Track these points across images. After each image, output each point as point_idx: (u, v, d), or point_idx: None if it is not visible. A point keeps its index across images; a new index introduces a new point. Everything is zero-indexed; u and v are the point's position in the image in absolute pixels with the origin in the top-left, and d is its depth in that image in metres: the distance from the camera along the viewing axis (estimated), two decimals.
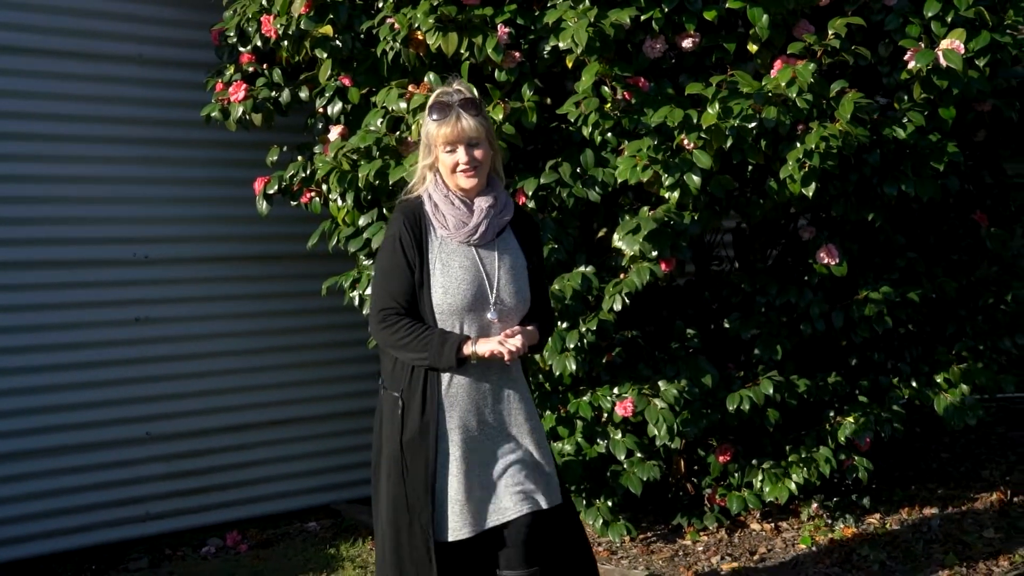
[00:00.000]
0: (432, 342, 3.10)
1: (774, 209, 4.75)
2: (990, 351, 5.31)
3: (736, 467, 5.08)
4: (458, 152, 3.14)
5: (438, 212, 3.19)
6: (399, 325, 3.13)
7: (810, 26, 4.46)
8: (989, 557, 4.75)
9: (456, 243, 3.19)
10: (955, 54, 4.23)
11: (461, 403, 3.18)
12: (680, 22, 4.35)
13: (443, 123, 3.13)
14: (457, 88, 3.22)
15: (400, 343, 3.14)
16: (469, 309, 3.16)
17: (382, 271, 3.21)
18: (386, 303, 3.17)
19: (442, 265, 3.16)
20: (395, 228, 3.20)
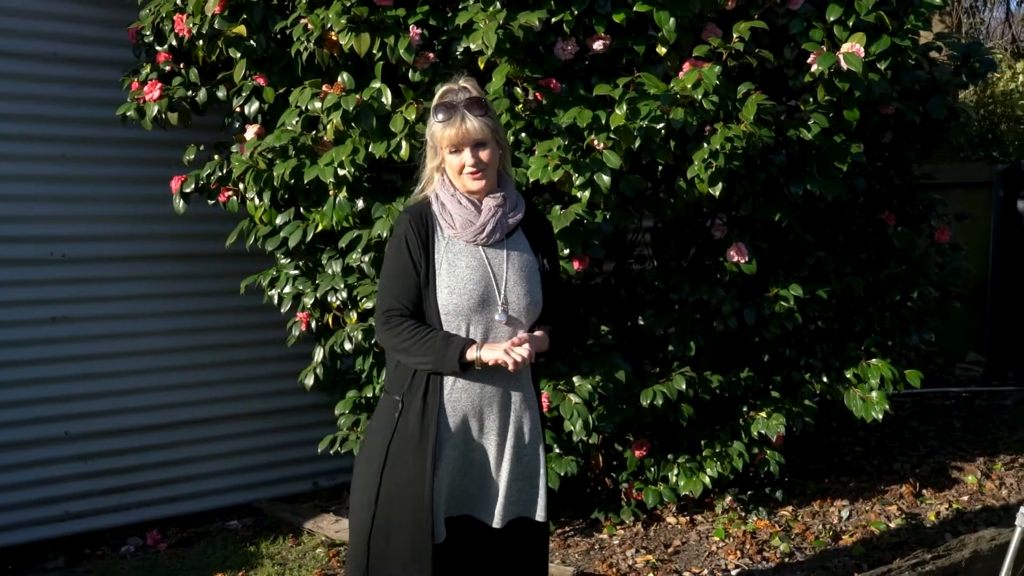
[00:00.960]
0: (435, 345, 3.02)
1: (686, 208, 4.84)
2: (898, 347, 5.45)
3: (652, 462, 5.17)
4: (464, 154, 3.07)
5: (445, 212, 3.11)
6: (403, 327, 3.06)
7: (717, 29, 4.56)
8: (894, 547, 4.89)
9: (463, 243, 3.11)
10: (855, 57, 4.34)
11: (463, 408, 3.10)
12: (590, 24, 4.43)
13: (448, 124, 3.04)
14: (463, 86, 3.12)
15: (403, 346, 3.06)
16: (476, 310, 3.07)
17: (387, 272, 3.15)
18: (390, 304, 3.10)
19: (448, 265, 3.08)
20: (401, 229, 3.12)
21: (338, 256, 4.85)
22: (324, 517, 5.46)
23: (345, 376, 5.26)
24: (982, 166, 9.94)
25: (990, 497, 5.60)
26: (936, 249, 5.69)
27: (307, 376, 5.07)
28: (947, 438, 6.70)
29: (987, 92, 11.71)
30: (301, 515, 5.52)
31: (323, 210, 4.65)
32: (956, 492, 5.69)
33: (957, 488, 5.76)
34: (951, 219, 5.71)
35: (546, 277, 3.22)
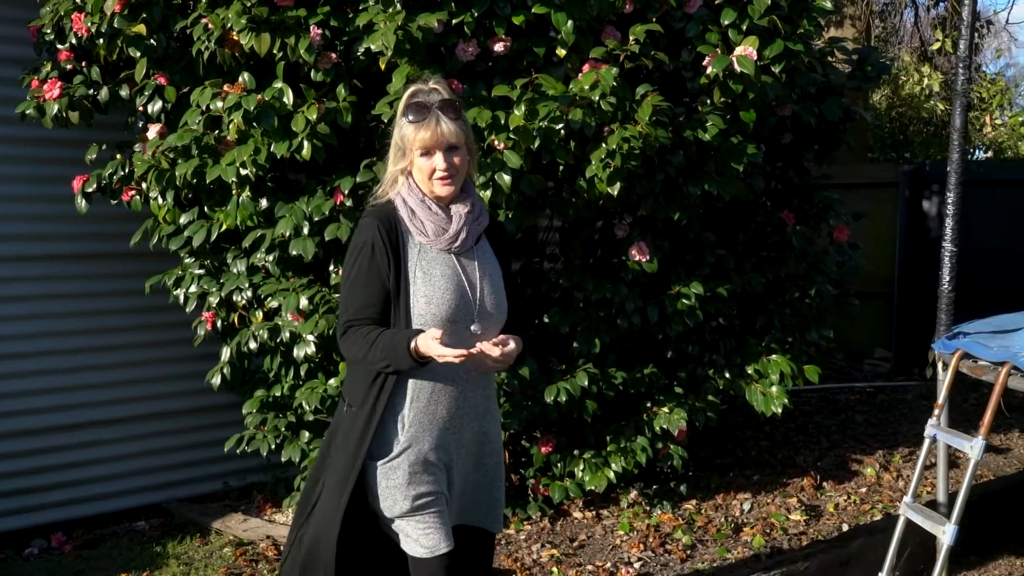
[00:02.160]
0: (387, 343, 2.90)
1: (588, 207, 4.92)
2: (798, 343, 5.59)
3: (559, 457, 5.24)
4: (435, 157, 2.96)
5: (415, 218, 3.00)
6: (356, 336, 2.95)
7: (616, 32, 4.64)
8: (793, 538, 5.01)
9: (436, 251, 3.00)
10: (748, 60, 4.45)
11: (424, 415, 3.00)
12: (491, 26, 4.49)
13: (420, 126, 2.93)
14: (434, 87, 3.02)
15: (360, 354, 2.95)
16: (452, 320, 2.96)
17: (351, 281, 3.00)
18: (351, 316, 2.99)
19: (423, 274, 2.97)
20: (368, 235, 2.97)
21: (243, 255, 4.85)
22: (232, 516, 5.45)
23: (254, 376, 5.26)
24: (890, 166, 10.21)
25: (887, 489, 5.75)
26: (835, 248, 5.83)
27: (214, 376, 5.07)
28: (849, 432, 6.86)
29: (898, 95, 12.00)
30: (209, 515, 5.50)
31: (227, 209, 4.66)
32: (855, 484, 5.85)
33: (856, 480, 5.91)
34: (849, 219, 5.86)
35: (509, 284, 3.17)
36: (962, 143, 4.57)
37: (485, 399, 3.13)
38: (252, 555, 4.94)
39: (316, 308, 4.63)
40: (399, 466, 3.00)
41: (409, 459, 3.00)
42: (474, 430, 3.11)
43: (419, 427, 3.01)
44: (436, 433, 3.03)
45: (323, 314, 4.60)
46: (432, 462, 3.03)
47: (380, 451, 3.02)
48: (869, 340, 9.60)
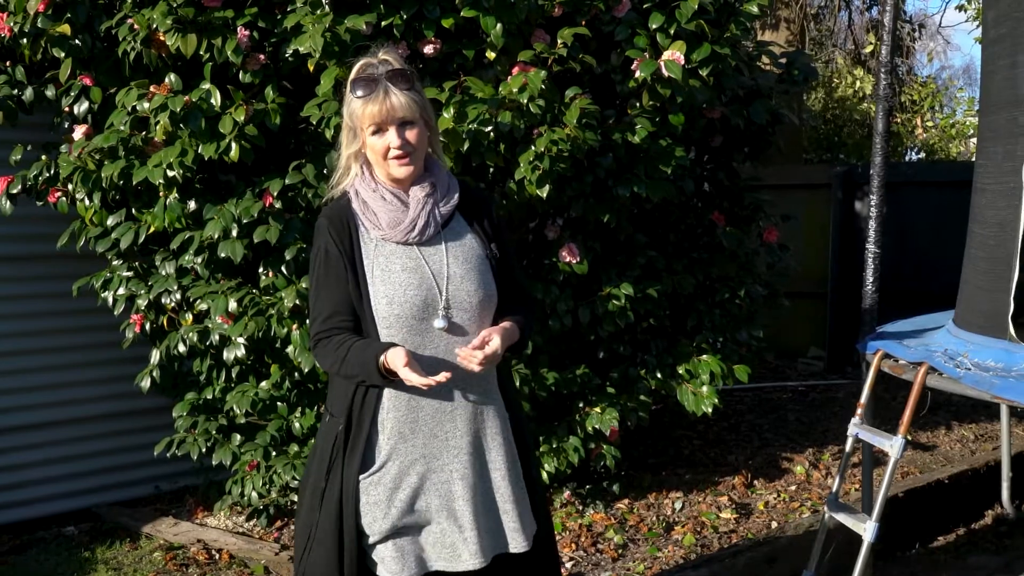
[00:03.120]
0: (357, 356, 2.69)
1: (519, 209, 4.94)
2: (729, 343, 5.64)
3: None
4: (388, 134, 2.71)
5: (368, 210, 2.77)
6: (329, 347, 2.73)
7: (545, 35, 4.66)
8: (723, 536, 5.07)
9: (394, 244, 2.76)
10: (675, 64, 4.50)
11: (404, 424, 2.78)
12: (420, 29, 4.49)
13: (369, 100, 2.68)
14: (383, 58, 2.76)
15: (334, 366, 2.75)
16: (418, 318, 2.73)
17: (314, 291, 2.81)
18: (319, 327, 2.77)
19: (382, 271, 2.73)
20: (321, 240, 2.78)
21: (171, 257, 4.82)
22: (163, 520, 5.41)
23: (185, 378, 5.23)
24: (824, 168, 10.34)
25: (816, 486, 5.84)
26: (766, 249, 5.90)
27: (143, 379, 5.03)
28: (781, 430, 6.96)
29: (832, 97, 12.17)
30: (140, 519, 5.46)
31: (154, 211, 4.62)
32: (785, 482, 5.93)
33: (786, 478, 5.99)
34: (779, 220, 5.93)
35: (499, 264, 2.90)
36: (885, 147, 4.65)
37: (481, 400, 2.86)
38: (183, 559, 4.91)
39: (246, 311, 4.61)
40: (380, 480, 2.80)
41: (391, 472, 2.79)
42: (468, 436, 2.84)
43: (399, 437, 2.78)
44: (421, 442, 2.80)
45: (253, 316, 4.58)
46: (416, 475, 2.81)
47: (363, 464, 2.79)
48: (804, 339, 9.73)
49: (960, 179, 5.26)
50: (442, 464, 2.82)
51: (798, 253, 8.23)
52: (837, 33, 13.00)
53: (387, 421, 2.78)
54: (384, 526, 2.80)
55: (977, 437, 6.83)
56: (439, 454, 2.81)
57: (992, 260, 4.29)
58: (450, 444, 2.83)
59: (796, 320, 8.57)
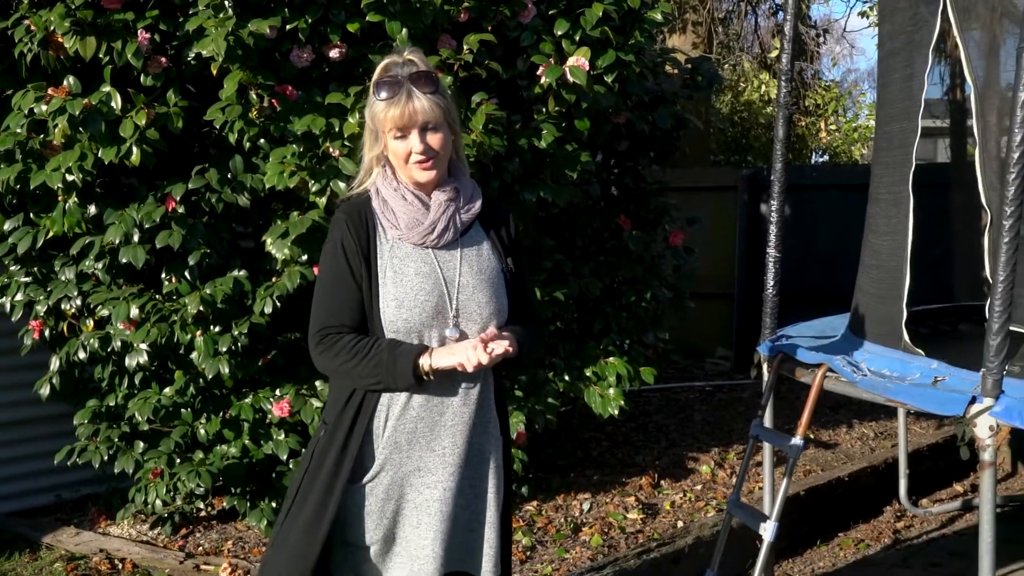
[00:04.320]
0: (382, 357, 2.60)
1: None
2: (635, 345, 5.72)
3: None
4: (410, 139, 2.64)
5: (387, 209, 2.70)
6: (340, 345, 2.63)
7: (452, 41, 4.68)
8: (630, 537, 5.13)
9: (411, 246, 2.70)
10: (580, 71, 4.55)
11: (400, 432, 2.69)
12: (326, 33, 4.47)
13: (392, 103, 2.61)
14: (408, 59, 2.69)
15: (344, 367, 2.64)
16: (429, 325, 2.66)
17: (321, 285, 2.71)
18: (325, 322, 2.67)
19: (394, 273, 2.66)
20: (336, 232, 2.70)
21: (71, 263, 4.73)
22: (64, 530, 5.30)
23: (86, 385, 5.14)
24: (731, 170, 10.52)
25: (722, 486, 5.94)
26: (671, 252, 5.99)
27: (43, 386, 4.94)
28: (687, 430, 7.05)
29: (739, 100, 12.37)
30: (40, 529, 5.34)
31: (53, 216, 4.54)
32: (691, 482, 6.01)
33: (692, 478, 6.08)
34: (684, 223, 6.02)
35: (513, 280, 2.83)
36: (785, 154, 4.75)
37: (480, 411, 2.76)
38: (84, 570, 4.82)
39: (148, 317, 4.55)
40: (373, 490, 2.71)
41: (384, 482, 2.71)
42: (463, 448, 2.74)
43: (394, 447, 2.70)
44: (416, 454, 2.71)
45: (155, 323, 4.53)
46: (413, 487, 2.73)
47: (355, 473, 2.71)
48: (712, 339, 9.88)
49: (862, 182, 5.40)
50: (436, 480, 2.73)
51: (706, 254, 8.39)
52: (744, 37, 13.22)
53: (383, 429, 2.70)
54: (376, 536, 2.73)
55: (877, 435, 7.00)
56: (434, 469, 2.73)
57: (885, 269, 4.41)
58: (447, 460, 2.74)
59: (704, 321, 8.71)
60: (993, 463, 3.43)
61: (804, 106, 12.93)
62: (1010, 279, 3.38)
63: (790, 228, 9.14)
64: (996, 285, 3.38)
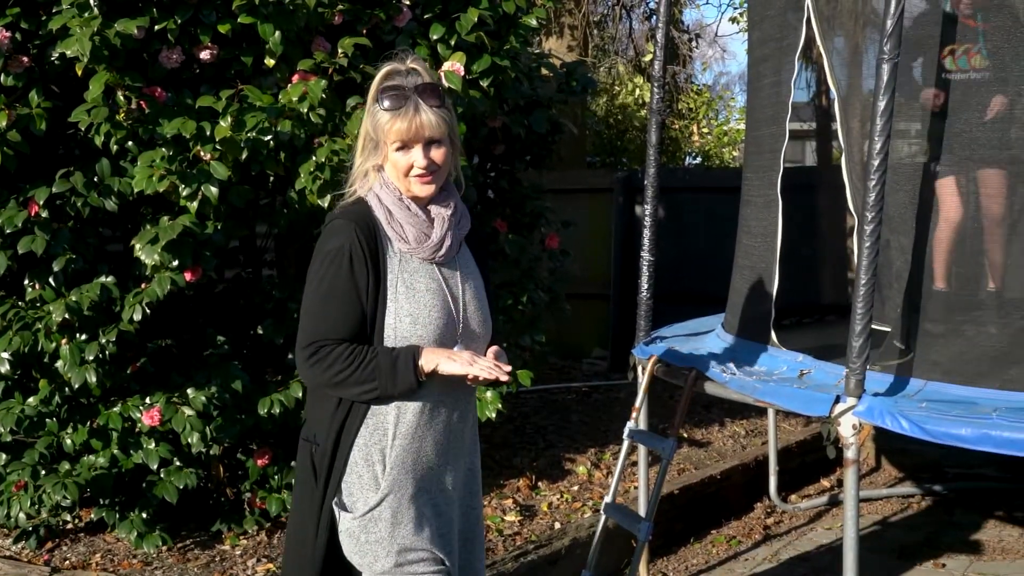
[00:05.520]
0: (379, 363, 2.51)
1: (301, 218, 4.88)
2: (513, 349, 5.74)
3: (276, 469, 5.18)
4: (413, 152, 2.58)
5: (393, 221, 2.60)
6: (334, 356, 2.53)
7: (327, 43, 4.64)
8: (508, 539, 5.15)
9: (418, 260, 2.61)
10: (455, 76, 4.55)
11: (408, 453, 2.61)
12: (196, 34, 4.39)
13: (398, 115, 2.54)
14: (412, 67, 2.63)
15: (338, 377, 2.53)
16: (440, 342, 2.59)
17: (317, 294, 2.58)
18: (320, 334, 2.55)
19: (407, 288, 2.58)
20: (343, 239, 2.55)
21: None
22: None
23: None
24: (606, 173, 10.64)
25: (598, 486, 6.00)
26: (548, 254, 6.03)
27: None
28: (564, 431, 7.11)
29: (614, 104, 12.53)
30: None
31: None
32: (568, 483, 6.07)
33: (569, 479, 6.14)
34: (560, 226, 6.07)
35: (490, 296, 2.83)
36: (658, 157, 4.84)
37: (472, 431, 2.78)
38: None
39: (10, 324, 4.40)
40: (380, 516, 2.61)
41: (392, 507, 2.61)
42: (462, 469, 2.74)
43: (401, 469, 2.62)
44: (421, 474, 2.65)
45: (18, 331, 4.39)
46: (419, 509, 2.65)
47: (357, 498, 2.63)
48: (589, 340, 9.98)
49: (733, 185, 5.53)
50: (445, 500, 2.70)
51: (582, 256, 8.48)
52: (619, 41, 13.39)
53: (391, 450, 2.60)
54: (387, 564, 2.61)
55: (748, 432, 7.17)
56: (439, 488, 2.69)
57: (756, 269, 4.53)
58: (446, 479, 2.70)
59: (581, 321, 8.78)
60: (856, 460, 3.55)
61: (677, 110, 13.16)
62: (871, 282, 3.51)
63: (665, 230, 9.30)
64: (858, 288, 3.50)
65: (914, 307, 3.90)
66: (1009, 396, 3.55)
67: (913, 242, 3.97)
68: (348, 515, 2.62)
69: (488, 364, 2.56)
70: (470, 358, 2.56)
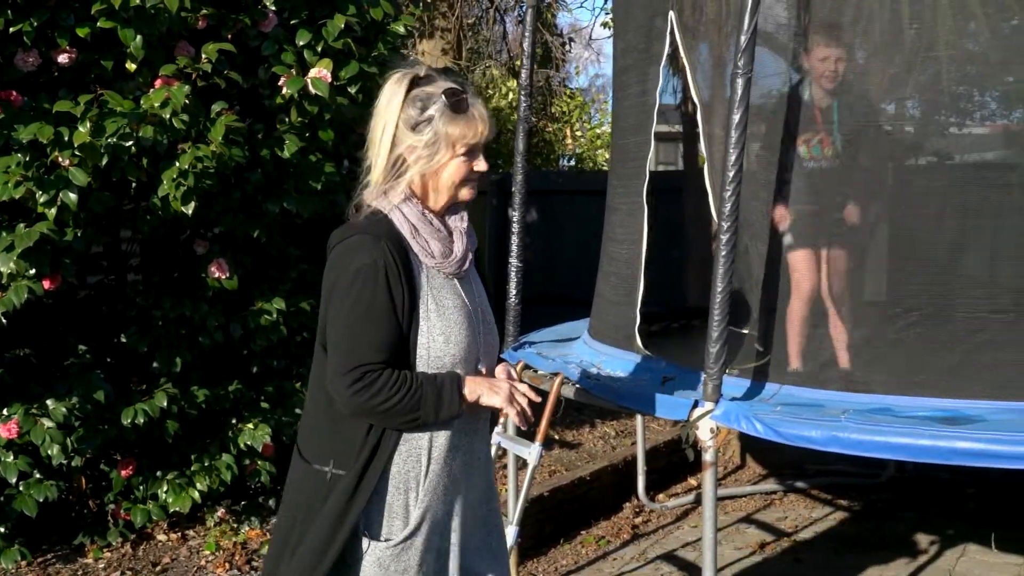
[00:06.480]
0: (425, 392, 2.40)
1: (165, 224, 4.82)
2: None
3: (140, 480, 5.10)
4: (479, 159, 2.51)
5: (419, 237, 2.47)
6: (381, 382, 2.38)
7: (190, 48, 4.58)
8: None
9: (443, 277, 2.52)
10: (322, 82, 4.54)
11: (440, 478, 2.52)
12: (53, 37, 4.29)
13: (469, 121, 2.46)
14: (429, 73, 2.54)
15: (385, 406, 2.39)
16: (466, 360, 2.51)
17: (357, 314, 2.42)
18: (368, 358, 2.40)
19: (437, 305, 2.48)
20: (373, 255, 2.41)
21: None
22: None
23: None
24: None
25: None
26: None
27: None
28: None
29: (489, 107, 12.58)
30: None
31: None
32: None
33: None
34: None
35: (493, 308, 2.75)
36: (525, 164, 4.90)
37: (489, 448, 2.73)
38: None
39: None
40: (412, 545, 2.50)
41: (424, 535, 2.52)
42: (482, 488, 2.68)
43: (434, 495, 2.52)
44: (450, 498, 2.57)
45: None
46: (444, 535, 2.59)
47: (385, 526, 2.49)
48: None
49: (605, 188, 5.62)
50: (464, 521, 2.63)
51: None
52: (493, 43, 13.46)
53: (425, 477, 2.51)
54: None
55: (618, 433, 7.30)
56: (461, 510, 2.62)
57: (621, 275, 4.62)
58: (469, 498, 2.64)
59: None
60: (714, 463, 3.65)
61: (551, 113, 13.29)
62: (728, 289, 3.61)
63: (538, 232, 9.40)
64: (715, 295, 3.60)
65: (771, 312, 4.03)
66: (856, 398, 3.70)
67: (768, 248, 4.10)
68: (380, 544, 2.49)
69: (524, 404, 2.53)
70: (509, 391, 2.51)
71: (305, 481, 2.55)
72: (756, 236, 4.21)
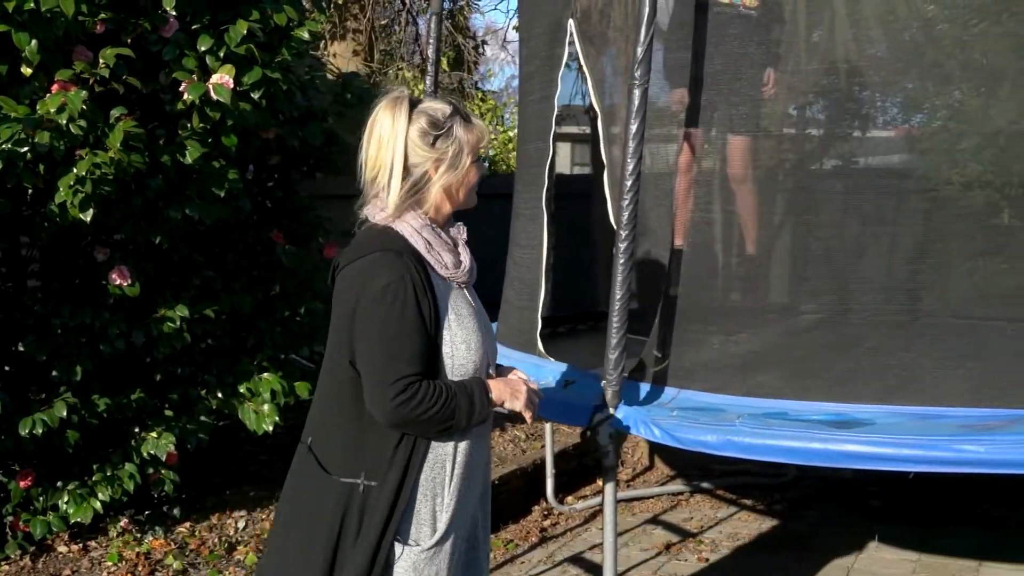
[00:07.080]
0: (459, 400, 2.51)
1: (64, 231, 4.74)
2: (290, 360, 5.71)
3: (40, 491, 5.01)
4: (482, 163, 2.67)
5: (432, 250, 2.58)
6: (422, 393, 2.47)
7: (89, 52, 4.51)
8: None
9: (456, 286, 2.63)
10: (224, 88, 4.51)
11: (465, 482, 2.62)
12: None
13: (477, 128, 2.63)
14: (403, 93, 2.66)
15: (426, 415, 2.48)
16: (482, 368, 2.63)
17: (393, 330, 2.48)
18: (406, 370, 2.47)
19: (456, 315, 2.57)
20: (399, 271, 2.49)
21: None
22: None
23: None
24: None
25: None
26: (327, 265, 6.01)
27: None
28: None
29: None
30: None
31: None
32: None
33: None
34: (338, 237, 6.06)
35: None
36: None
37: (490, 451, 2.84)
38: None
39: None
40: (442, 549, 2.61)
41: (452, 538, 2.63)
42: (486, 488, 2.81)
43: (459, 499, 2.62)
44: (472, 500, 2.69)
45: None
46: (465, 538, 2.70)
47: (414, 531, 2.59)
48: None
49: None
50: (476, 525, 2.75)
51: None
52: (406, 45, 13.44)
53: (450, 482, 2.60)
54: None
55: (528, 436, 7.34)
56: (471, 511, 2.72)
57: (524, 280, 4.67)
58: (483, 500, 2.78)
59: None
60: (614, 467, 3.71)
61: None
62: (627, 295, 3.67)
63: None
64: (613, 301, 3.65)
65: (669, 317, 4.10)
66: (753, 403, 3.78)
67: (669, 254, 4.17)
68: (414, 548, 2.57)
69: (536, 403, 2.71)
70: (528, 393, 2.67)
71: (328, 495, 2.58)
72: (657, 243, 4.28)
